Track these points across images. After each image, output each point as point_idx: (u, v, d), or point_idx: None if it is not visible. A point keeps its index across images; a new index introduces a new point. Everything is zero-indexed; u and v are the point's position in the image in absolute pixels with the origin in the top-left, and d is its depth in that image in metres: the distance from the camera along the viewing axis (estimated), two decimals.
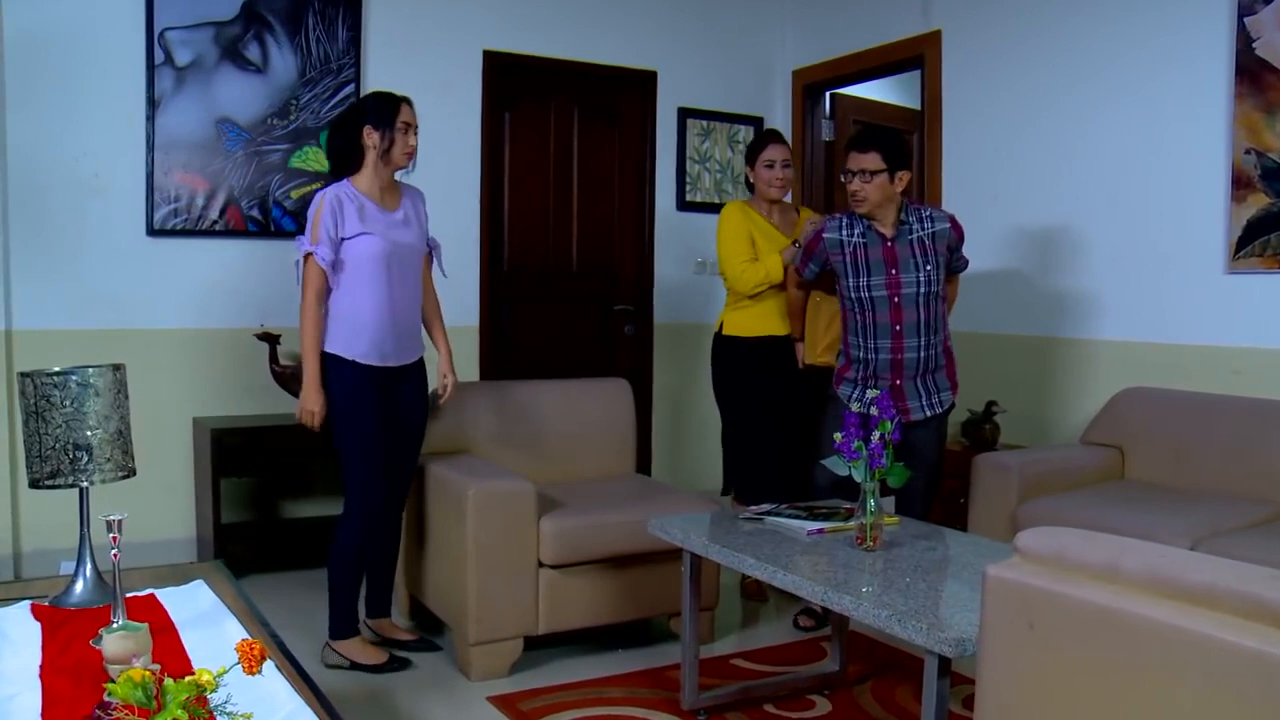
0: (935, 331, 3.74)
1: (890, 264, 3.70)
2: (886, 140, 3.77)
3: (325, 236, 3.38)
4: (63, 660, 1.98)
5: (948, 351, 3.80)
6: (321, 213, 3.39)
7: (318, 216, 3.40)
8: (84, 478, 2.40)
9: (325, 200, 3.41)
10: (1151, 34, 4.24)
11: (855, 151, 3.74)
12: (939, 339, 3.75)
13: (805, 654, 3.74)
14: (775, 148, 4.23)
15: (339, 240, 3.41)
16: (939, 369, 3.76)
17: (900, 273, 3.67)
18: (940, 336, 3.76)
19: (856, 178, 3.69)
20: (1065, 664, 1.50)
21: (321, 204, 3.41)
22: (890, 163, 3.67)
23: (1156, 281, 4.26)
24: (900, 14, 5.35)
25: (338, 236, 3.41)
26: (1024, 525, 3.65)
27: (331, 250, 3.40)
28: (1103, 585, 1.49)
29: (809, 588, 2.48)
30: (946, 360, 3.79)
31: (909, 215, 3.74)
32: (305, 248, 3.41)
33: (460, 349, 5.18)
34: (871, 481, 2.76)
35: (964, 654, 2.08)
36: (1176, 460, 3.92)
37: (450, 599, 3.54)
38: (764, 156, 4.22)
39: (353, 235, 3.42)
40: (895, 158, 3.69)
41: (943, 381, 3.77)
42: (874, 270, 3.70)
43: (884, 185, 3.68)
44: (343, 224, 3.41)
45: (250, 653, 1.50)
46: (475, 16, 5.23)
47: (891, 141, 3.78)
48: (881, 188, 3.68)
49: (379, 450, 3.47)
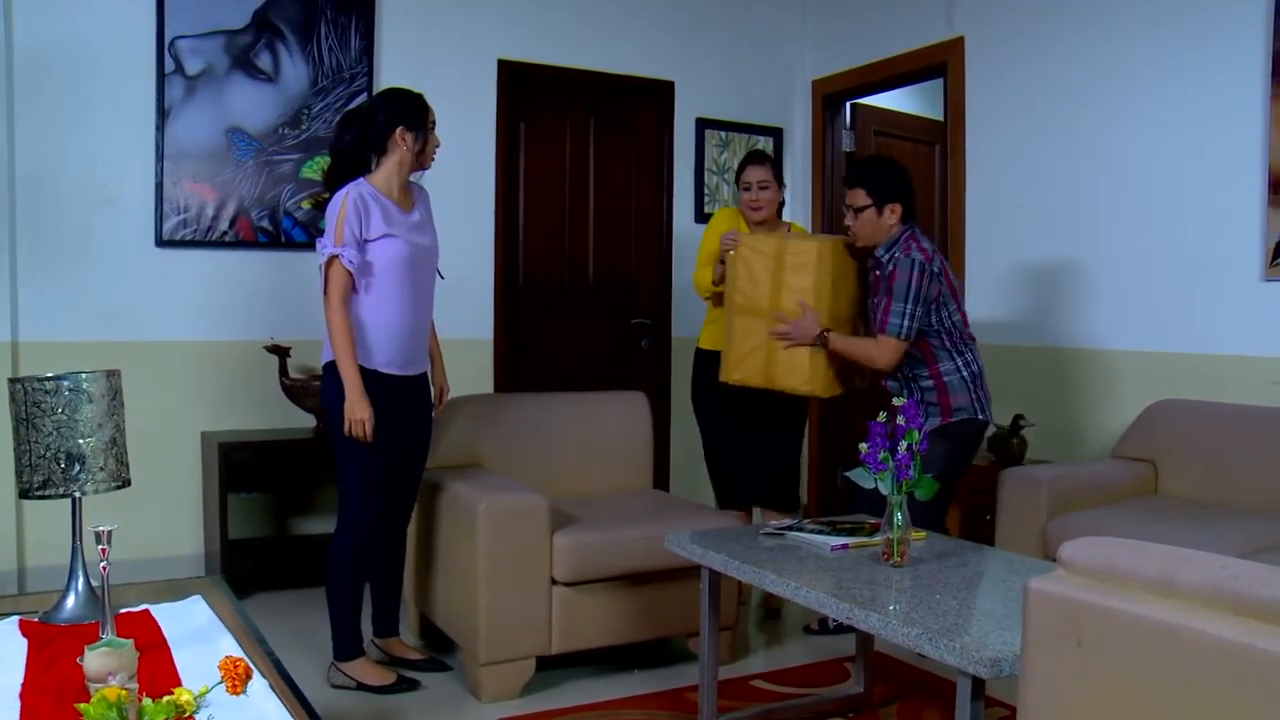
0: (914, 369, 3.72)
1: (873, 291, 3.78)
2: (871, 174, 3.79)
3: (350, 237, 3.21)
4: (45, 679, 1.88)
5: (940, 387, 3.70)
6: (346, 212, 3.21)
7: (342, 216, 3.21)
8: (76, 487, 2.30)
9: (349, 199, 3.23)
10: (1183, 37, 4.12)
11: (846, 187, 3.84)
12: (925, 374, 3.71)
13: (828, 675, 3.61)
14: (752, 169, 4.15)
15: (363, 241, 3.26)
16: (930, 404, 3.70)
17: (877, 300, 3.73)
18: (925, 373, 3.71)
19: (847, 214, 3.77)
20: (1118, 685, 1.38)
21: (345, 203, 3.22)
22: (876, 196, 3.69)
23: (1189, 290, 4.12)
24: (922, 21, 5.25)
25: (362, 237, 3.25)
26: (1055, 541, 3.55)
27: (357, 252, 3.24)
28: (1158, 599, 1.37)
29: (834, 605, 2.36)
30: (939, 394, 3.70)
31: (888, 251, 3.71)
32: (330, 250, 3.21)
33: (474, 362, 5.12)
34: (898, 494, 2.63)
35: (999, 675, 1.95)
36: (1213, 474, 3.79)
37: (460, 617, 3.43)
38: (743, 179, 4.17)
39: (377, 237, 3.26)
40: (881, 191, 3.70)
41: (933, 410, 3.69)
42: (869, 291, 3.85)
43: (872, 219, 3.71)
44: (367, 225, 3.24)
45: (234, 671, 1.40)
46: (490, 25, 5.16)
47: (877, 174, 3.79)
48: (870, 222, 3.72)
49: (383, 466, 3.35)
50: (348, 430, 3.23)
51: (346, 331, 3.22)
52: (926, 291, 3.61)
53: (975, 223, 5.04)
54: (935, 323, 3.68)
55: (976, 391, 3.74)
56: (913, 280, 3.60)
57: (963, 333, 3.74)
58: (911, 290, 3.60)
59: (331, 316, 3.22)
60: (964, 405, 3.70)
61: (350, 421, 3.22)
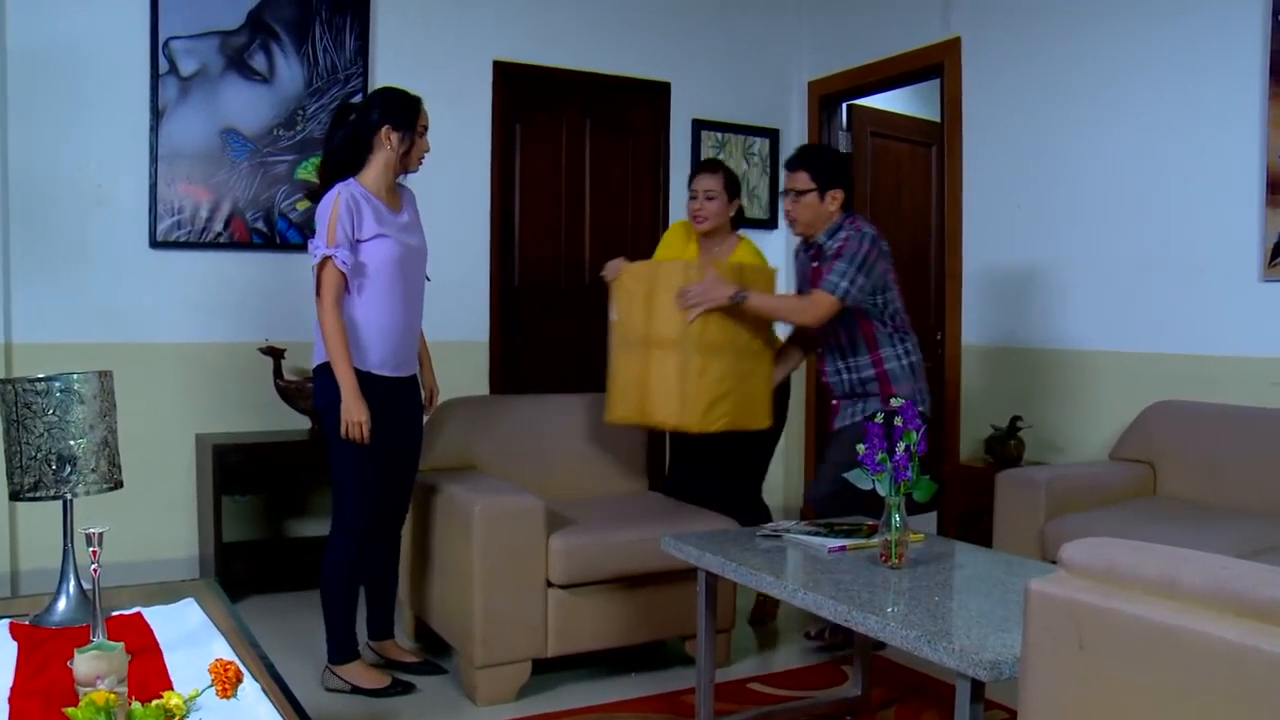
0: (855, 354, 3.68)
1: (813, 284, 3.68)
2: (816, 158, 3.75)
3: (343, 238, 3.17)
4: (35, 683, 1.86)
5: (882, 375, 3.66)
6: (338, 213, 3.17)
7: (334, 217, 3.17)
8: (67, 489, 2.28)
9: (340, 199, 3.19)
10: (1181, 36, 4.11)
11: (786, 171, 3.75)
12: (866, 361, 3.67)
13: (826, 678, 3.59)
14: (700, 178, 4.01)
15: (355, 242, 3.23)
16: (871, 395, 3.66)
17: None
18: (866, 360, 3.67)
19: (788, 198, 3.71)
20: (1119, 686, 1.36)
21: (337, 203, 3.18)
22: (820, 181, 3.65)
23: (1187, 291, 4.11)
24: (919, 22, 5.24)
25: (354, 238, 3.22)
26: (1053, 543, 3.53)
27: (350, 253, 3.21)
28: (1160, 601, 1.36)
29: (832, 607, 2.34)
30: (880, 384, 3.66)
31: (832, 235, 3.66)
32: (323, 251, 3.18)
33: (470, 364, 5.11)
34: (896, 495, 2.62)
35: (999, 678, 1.93)
36: (1211, 476, 3.77)
37: (455, 620, 3.41)
38: (691, 186, 4.03)
39: (369, 237, 3.23)
40: (825, 176, 3.65)
41: (874, 401, 3.63)
42: (807, 285, 3.72)
43: (814, 204, 3.66)
44: (360, 225, 3.21)
45: (224, 675, 1.38)
46: (486, 26, 5.14)
47: (821, 159, 3.75)
48: (812, 207, 3.67)
49: (377, 468, 3.32)
50: (344, 433, 3.20)
51: (341, 334, 3.19)
52: (874, 265, 3.54)
53: (972, 223, 5.03)
54: (881, 305, 3.62)
55: (918, 383, 3.69)
56: (863, 249, 3.53)
57: (903, 321, 3.69)
58: (859, 257, 3.52)
59: (325, 319, 3.19)
60: (906, 395, 3.54)
61: (347, 424, 3.19)
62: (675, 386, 3.50)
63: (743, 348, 3.59)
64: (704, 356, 3.49)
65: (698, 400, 3.49)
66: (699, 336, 3.47)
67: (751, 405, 3.65)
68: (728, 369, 3.54)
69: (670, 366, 3.51)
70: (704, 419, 3.50)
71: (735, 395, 3.56)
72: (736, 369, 3.57)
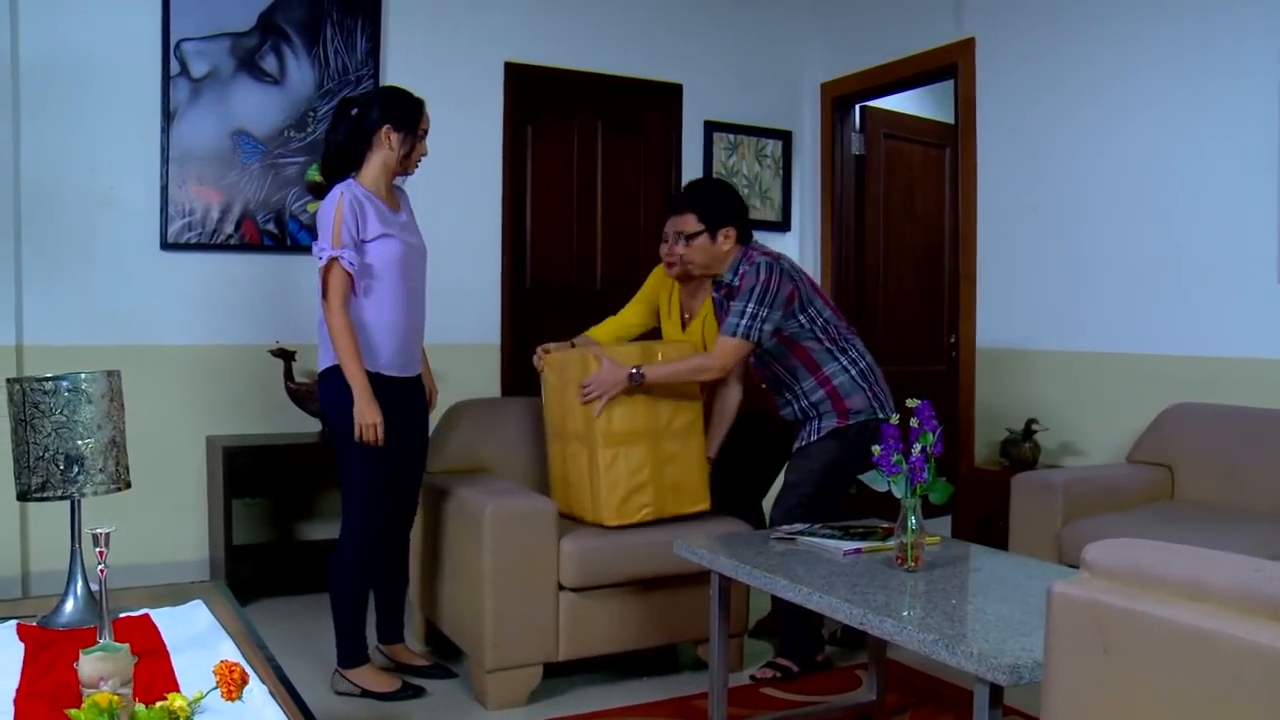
0: (799, 381, 3.56)
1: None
2: (702, 198, 3.58)
3: (348, 238, 3.15)
4: (41, 684, 1.83)
5: (831, 393, 3.53)
6: (342, 213, 3.14)
7: (338, 217, 3.14)
8: (75, 489, 2.26)
9: (344, 200, 3.16)
10: (1196, 36, 4.07)
11: (671, 214, 3.62)
12: (811, 384, 3.55)
13: (840, 683, 3.55)
14: (671, 220, 3.68)
15: (360, 242, 3.20)
16: (825, 413, 3.55)
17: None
18: (811, 383, 3.55)
19: (674, 242, 3.58)
20: (1147, 691, 1.33)
21: (340, 204, 3.15)
22: (708, 221, 3.50)
23: (1203, 292, 4.06)
24: (932, 22, 5.21)
25: (359, 238, 3.20)
26: (1070, 547, 3.50)
27: (356, 253, 3.18)
28: (1188, 603, 1.32)
29: (847, 610, 2.31)
30: (832, 401, 3.53)
31: (735, 272, 3.52)
32: (329, 252, 3.14)
33: (481, 367, 5.08)
34: (912, 498, 2.58)
35: (1019, 682, 1.90)
36: (1230, 479, 3.73)
37: (466, 623, 3.38)
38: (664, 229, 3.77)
39: (374, 237, 3.21)
40: (713, 216, 3.50)
41: (829, 417, 3.54)
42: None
43: (705, 246, 3.53)
44: (364, 225, 3.19)
45: (229, 676, 1.35)
46: (497, 27, 5.12)
47: (708, 198, 3.58)
48: (704, 249, 3.54)
49: (387, 470, 3.30)
50: (358, 436, 3.17)
51: (351, 335, 3.16)
52: (778, 290, 3.40)
53: (986, 225, 4.99)
54: (805, 323, 3.49)
55: (873, 389, 3.55)
56: (760, 280, 3.39)
57: (839, 329, 3.56)
58: (757, 290, 3.38)
59: (334, 321, 3.16)
60: (861, 407, 3.51)
61: (362, 426, 3.16)
62: (587, 481, 3.42)
63: (660, 430, 3.44)
64: (613, 448, 3.36)
65: (611, 494, 3.37)
66: (605, 428, 3.36)
67: (679, 490, 3.47)
68: (643, 458, 3.39)
69: (583, 461, 3.43)
70: (619, 512, 3.37)
71: (655, 484, 3.42)
72: (654, 455, 3.41)
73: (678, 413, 3.48)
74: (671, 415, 3.47)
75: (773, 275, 3.41)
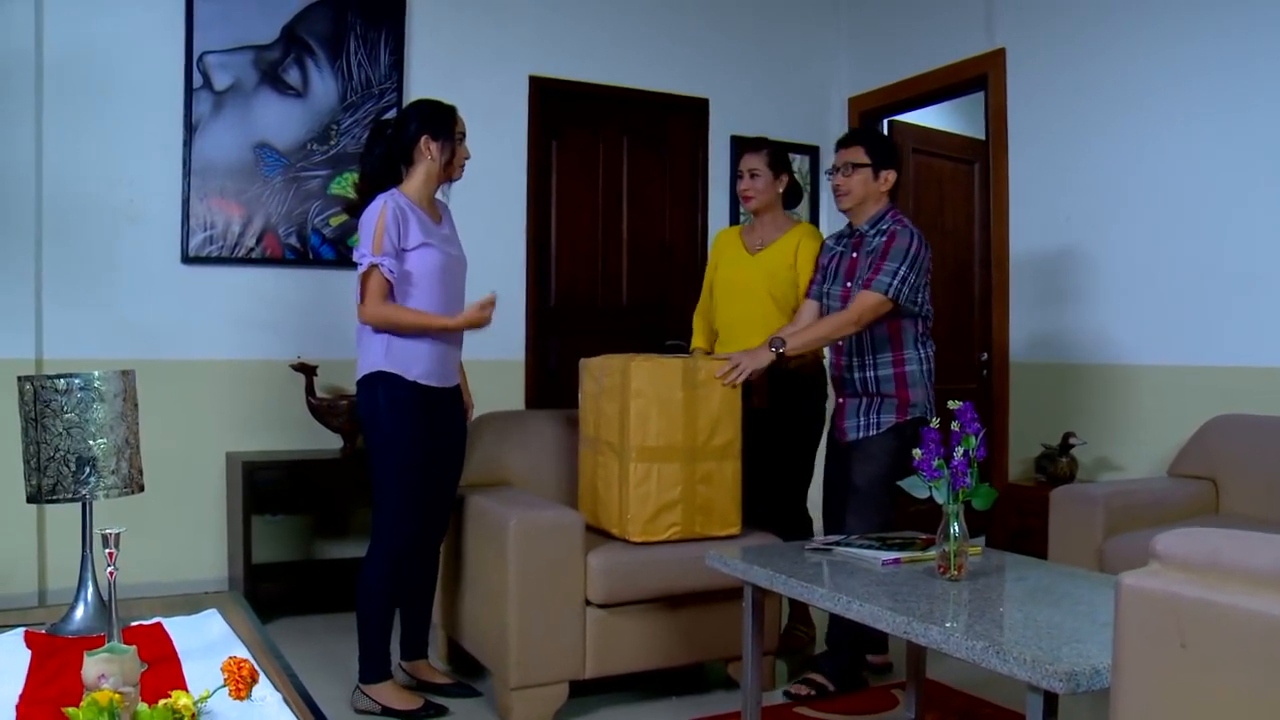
0: (877, 353, 3.49)
1: (848, 275, 3.53)
2: (873, 136, 3.71)
3: (390, 246, 3.12)
4: (46, 691, 1.75)
5: (900, 377, 3.46)
6: (385, 221, 3.11)
7: (381, 225, 3.11)
8: (86, 491, 2.18)
9: (388, 208, 3.13)
10: (1231, 44, 3.96)
11: (839, 148, 3.62)
12: (887, 360, 3.48)
13: (876, 703, 3.42)
14: (744, 158, 3.99)
15: (400, 251, 3.16)
16: (887, 397, 3.47)
17: (853, 286, 3.47)
18: (887, 359, 3.47)
19: (839, 173, 3.56)
20: (1229, 689, 1.22)
21: (384, 212, 3.12)
22: (875, 158, 3.52)
23: (1246, 302, 3.94)
24: (962, 34, 5.13)
25: (400, 247, 3.16)
26: (1112, 562, 3.37)
27: (396, 261, 3.14)
28: (1274, 593, 1.21)
29: (890, 619, 2.20)
30: (897, 385, 3.46)
31: (875, 225, 3.52)
32: (369, 259, 3.11)
33: (506, 384, 5.00)
34: (955, 504, 2.47)
35: (1075, 690, 1.79)
36: (1277, 492, 3.59)
37: (490, 640, 3.28)
38: (737, 168, 4.05)
39: (415, 246, 3.17)
40: (880, 154, 3.54)
41: (888, 405, 3.46)
42: (837, 278, 3.57)
43: (867, 180, 3.52)
44: (406, 234, 3.16)
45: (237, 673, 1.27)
46: (521, 41, 5.08)
47: (878, 139, 3.73)
48: (865, 182, 3.52)
49: (421, 477, 3.23)
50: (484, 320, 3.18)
51: (397, 308, 3.14)
52: (923, 263, 3.41)
53: (1018, 237, 4.89)
54: (919, 304, 3.46)
55: (930, 389, 3.51)
56: (913, 246, 3.39)
57: (929, 323, 3.53)
58: (910, 254, 3.38)
59: (378, 311, 3.13)
60: (920, 401, 3.46)
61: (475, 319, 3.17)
62: (616, 492, 3.31)
63: (697, 447, 3.32)
64: (645, 463, 3.26)
65: (639, 510, 3.26)
66: (639, 441, 3.25)
67: (709, 512, 3.35)
68: (676, 476, 3.28)
69: (614, 471, 3.34)
70: (646, 529, 3.27)
71: (686, 504, 3.31)
72: (687, 473, 3.30)
73: (717, 430, 3.36)
74: (710, 433, 3.35)
75: (923, 244, 3.43)
